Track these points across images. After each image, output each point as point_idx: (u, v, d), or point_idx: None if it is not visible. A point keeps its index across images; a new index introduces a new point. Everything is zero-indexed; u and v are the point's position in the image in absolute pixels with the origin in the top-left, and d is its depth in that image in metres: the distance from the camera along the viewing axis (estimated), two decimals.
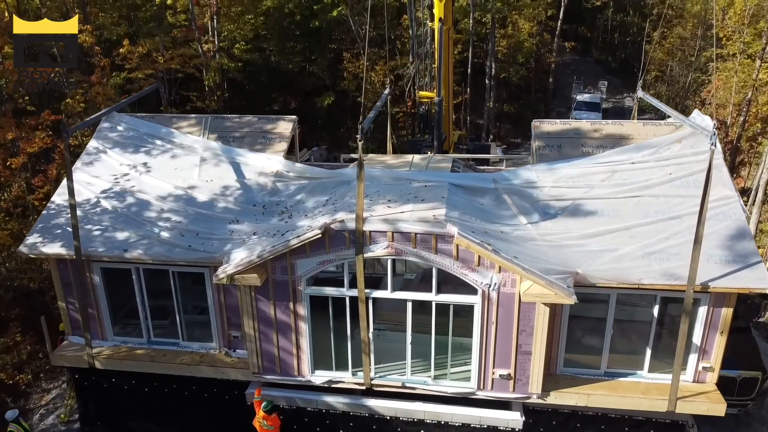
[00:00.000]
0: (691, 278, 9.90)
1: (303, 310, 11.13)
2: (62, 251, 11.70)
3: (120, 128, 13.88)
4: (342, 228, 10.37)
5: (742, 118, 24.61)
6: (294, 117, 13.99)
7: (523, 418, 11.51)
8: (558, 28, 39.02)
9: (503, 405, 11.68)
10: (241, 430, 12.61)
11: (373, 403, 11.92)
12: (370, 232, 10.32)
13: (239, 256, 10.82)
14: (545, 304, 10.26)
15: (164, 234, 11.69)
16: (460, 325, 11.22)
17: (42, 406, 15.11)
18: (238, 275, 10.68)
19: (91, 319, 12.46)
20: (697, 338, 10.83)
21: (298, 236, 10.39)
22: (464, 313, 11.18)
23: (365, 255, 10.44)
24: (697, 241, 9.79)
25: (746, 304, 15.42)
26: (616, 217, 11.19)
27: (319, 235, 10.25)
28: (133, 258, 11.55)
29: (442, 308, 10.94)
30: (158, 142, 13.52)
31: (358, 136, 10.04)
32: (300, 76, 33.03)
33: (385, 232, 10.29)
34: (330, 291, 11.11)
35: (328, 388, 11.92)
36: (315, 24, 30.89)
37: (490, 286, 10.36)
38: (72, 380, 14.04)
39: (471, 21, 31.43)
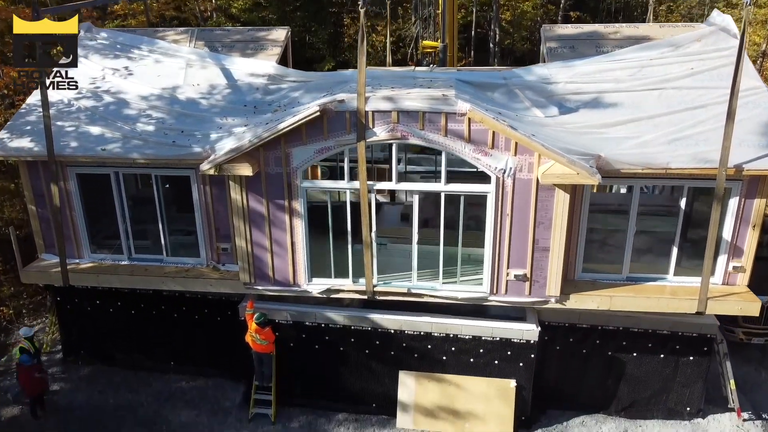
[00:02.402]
0: (723, 159, 9.06)
1: (299, 207, 10.20)
2: (31, 146, 10.73)
3: (99, 38, 12.97)
4: (342, 108, 9.48)
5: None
6: (287, 27, 13.18)
7: (539, 329, 10.62)
8: (562, 2, 38.30)
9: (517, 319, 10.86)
10: (234, 351, 11.69)
11: (375, 315, 11.00)
12: (372, 112, 9.43)
13: (228, 146, 9.91)
14: (565, 190, 9.39)
15: (146, 130, 10.76)
16: (470, 238, 10.40)
17: None
18: (228, 164, 9.76)
19: (66, 238, 11.46)
20: (727, 234, 9.97)
21: (294, 116, 9.49)
22: (474, 220, 10.35)
23: (368, 140, 9.55)
24: (730, 116, 8.96)
25: None
26: (638, 109, 10.36)
27: (318, 113, 9.34)
28: (110, 158, 10.58)
29: (451, 218, 10.04)
30: (141, 49, 12.59)
31: (359, 2, 9.19)
32: (299, 45, 32.21)
33: (390, 111, 9.40)
34: (328, 185, 10.21)
35: (328, 301, 11.01)
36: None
37: (504, 171, 9.47)
38: (54, 305, 13.07)
39: None
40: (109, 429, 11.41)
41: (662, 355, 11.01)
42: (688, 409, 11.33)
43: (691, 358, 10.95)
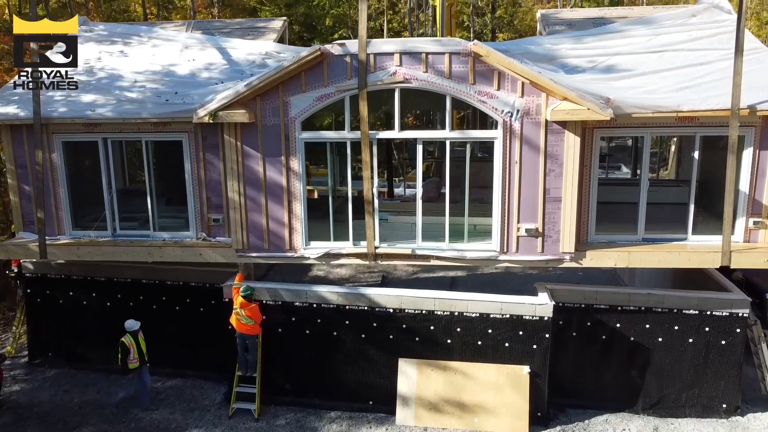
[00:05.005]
0: (735, 96, 8.81)
1: (297, 164, 9.65)
2: (17, 111, 10.22)
3: (97, 30, 12.88)
4: (343, 52, 9.23)
5: None
6: (284, 18, 13.33)
7: (553, 302, 9.73)
8: None
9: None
10: (216, 344, 10.63)
11: (373, 292, 10.10)
12: (375, 55, 9.19)
13: (225, 93, 9.51)
14: (575, 132, 9.02)
15: (138, 95, 10.40)
16: (476, 209, 9.91)
17: None
18: (223, 111, 9.32)
19: (47, 213, 10.66)
20: (744, 188, 9.51)
21: (292, 59, 9.19)
22: (479, 201, 9.91)
23: (370, 84, 9.23)
24: (739, 49, 8.82)
25: None
26: (644, 67, 10.26)
27: (317, 54, 9.07)
28: (100, 119, 10.06)
29: (457, 184, 9.66)
30: (139, 36, 12.48)
31: None
32: None
33: (392, 53, 9.16)
34: (329, 135, 9.74)
35: (320, 281, 10.18)
36: (314, 23, 31.18)
37: (512, 114, 9.11)
38: (24, 298, 11.96)
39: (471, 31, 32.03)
40: (70, 426, 10.01)
41: (691, 339, 9.98)
42: (724, 405, 10.16)
43: (723, 342, 9.90)
